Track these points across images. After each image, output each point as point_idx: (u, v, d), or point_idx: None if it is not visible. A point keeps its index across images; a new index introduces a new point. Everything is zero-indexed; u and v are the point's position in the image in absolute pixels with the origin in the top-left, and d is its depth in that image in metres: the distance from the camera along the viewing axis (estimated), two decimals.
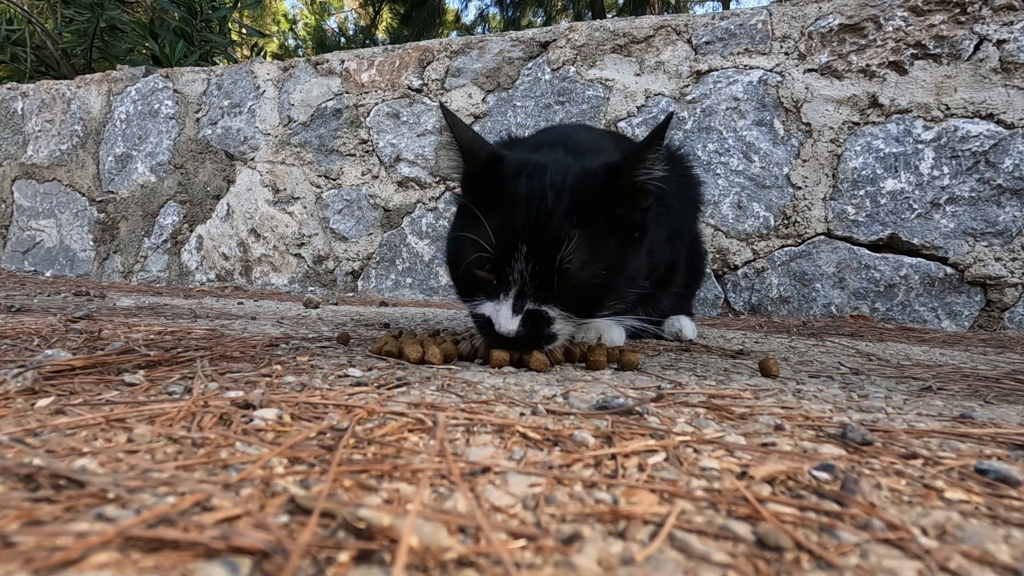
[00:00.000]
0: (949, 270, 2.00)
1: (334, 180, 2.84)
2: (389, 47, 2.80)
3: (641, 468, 0.41)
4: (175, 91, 3.15)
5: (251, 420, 0.48)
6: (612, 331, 1.09)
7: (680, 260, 1.25)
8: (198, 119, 3.10)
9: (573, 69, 2.47)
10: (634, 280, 0.91)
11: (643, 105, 2.37)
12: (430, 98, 2.69)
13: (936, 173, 2.03)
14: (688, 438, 0.48)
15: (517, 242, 0.80)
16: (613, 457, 0.43)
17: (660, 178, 0.90)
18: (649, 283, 1.10)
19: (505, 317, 0.81)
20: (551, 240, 0.80)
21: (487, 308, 0.84)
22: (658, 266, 1.09)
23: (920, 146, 2.05)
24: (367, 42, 9.75)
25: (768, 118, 2.21)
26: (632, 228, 0.89)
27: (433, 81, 2.68)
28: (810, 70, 2.17)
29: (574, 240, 0.80)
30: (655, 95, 2.36)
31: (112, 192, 3.26)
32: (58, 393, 0.55)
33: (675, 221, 1.13)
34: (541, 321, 0.83)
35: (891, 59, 2.07)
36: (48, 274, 3.38)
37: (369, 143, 2.78)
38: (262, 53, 5.96)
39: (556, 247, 0.80)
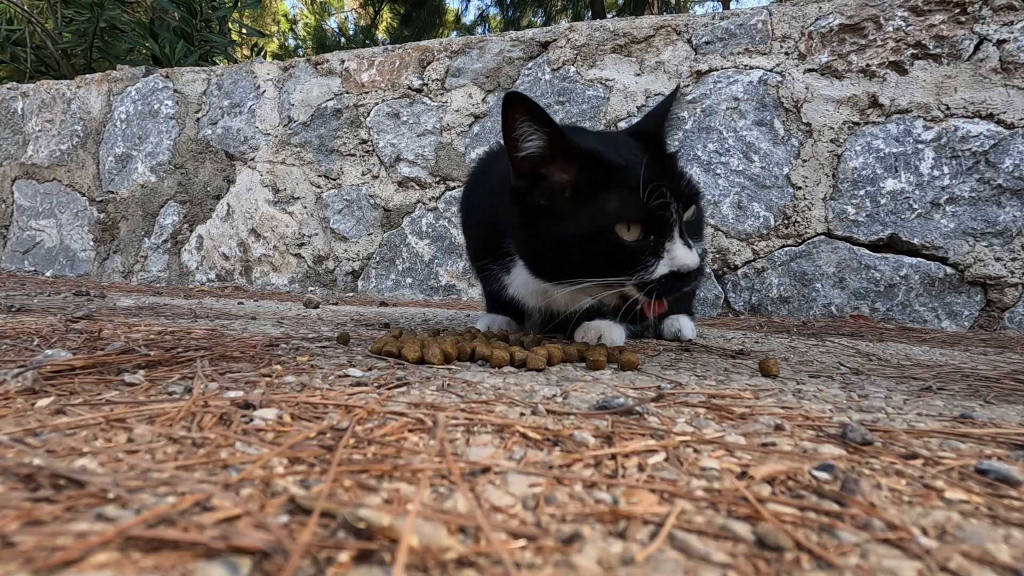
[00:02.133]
0: (949, 270, 2.00)
1: (334, 180, 2.84)
2: (389, 47, 2.80)
3: (641, 468, 0.41)
4: (175, 91, 3.15)
5: (251, 420, 0.48)
6: (612, 331, 1.09)
7: None
8: (198, 119, 3.10)
9: (573, 69, 2.47)
10: None
11: (643, 105, 2.37)
12: (430, 98, 2.69)
13: (936, 173, 2.03)
14: (688, 438, 0.48)
15: (661, 187, 0.85)
16: (613, 457, 0.43)
17: None
18: None
19: (686, 255, 0.87)
20: (673, 174, 0.90)
21: (662, 265, 0.87)
22: None
23: (920, 146, 2.05)
24: (367, 42, 9.75)
25: (768, 118, 2.21)
26: None
27: (433, 81, 2.68)
28: (810, 70, 2.17)
29: (680, 167, 0.93)
30: (655, 95, 2.36)
31: (112, 192, 3.26)
32: (58, 393, 0.55)
33: None
34: (700, 253, 0.91)
35: (891, 59, 2.07)
36: (48, 274, 3.38)
37: (369, 143, 2.78)
38: (262, 53, 5.96)
39: (680, 179, 0.90)
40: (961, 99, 2.01)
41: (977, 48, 1.99)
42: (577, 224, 0.89)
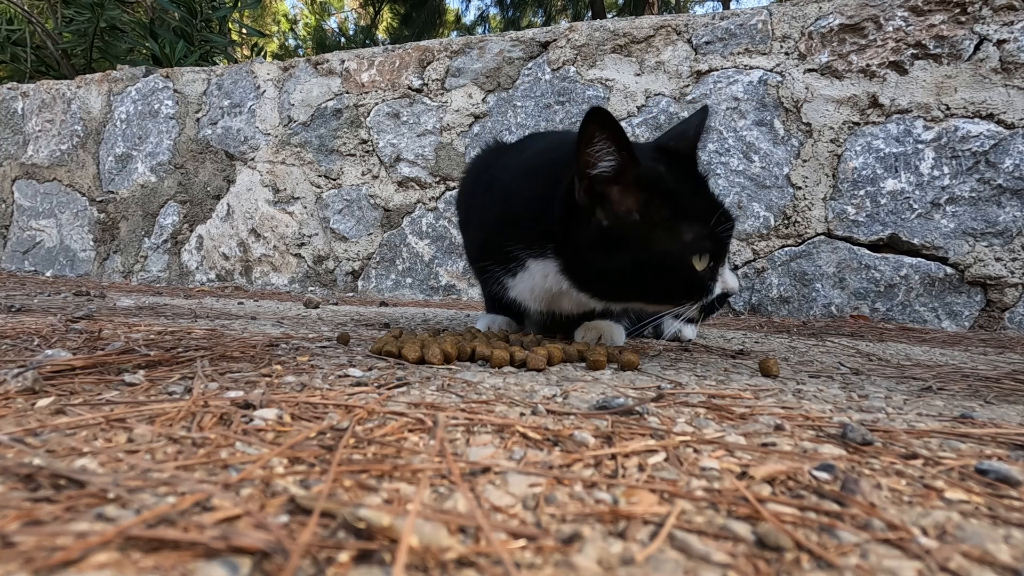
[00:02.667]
0: (949, 270, 2.00)
1: (334, 180, 2.84)
2: (389, 47, 2.80)
3: (641, 468, 0.41)
4: (175, 91, 3.15)
5: (251, 420, 0.48)
6: (612, 331, 1.09)
7: None
8: (198, 119, 3.10)
9: (573, 69, 2.47)
10: None
11: (643, 105, 2.37)
12: (430, 98, 2.69)
13: (936, 173, 2.03)
14: (688, 438, 0.48)
15: (723, 219, 0.90)
16: (613, 457, 0.43)
17: None
18: None
19: (733, 278, 0.95)
20: (722, 204, 0.92)
21: (717, 287, 0.94)
22: None
23: (920, 146, 2.05)
24: (367, 42, 9.75)
25: (768, 118, 2.21)
26: None
27: (433, 81, 2.68)
28: (810, 70, 2.17)
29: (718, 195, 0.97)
30: (655, 95, 2.36)
31: (112, 192, 3.26)
32: (58, 393, 0.55)
33: None
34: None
35: (891, 59, 2.07)
36: (48, 274, 3.39)
37: (369, 143, 2.78)
38: (262, 53, 5.97)
39: (724, 207, 0.92)
40: (961, 99, 2.01)
41: (977, 48, 1.99)
42: (648, 252, 0.89)
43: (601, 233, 0.89)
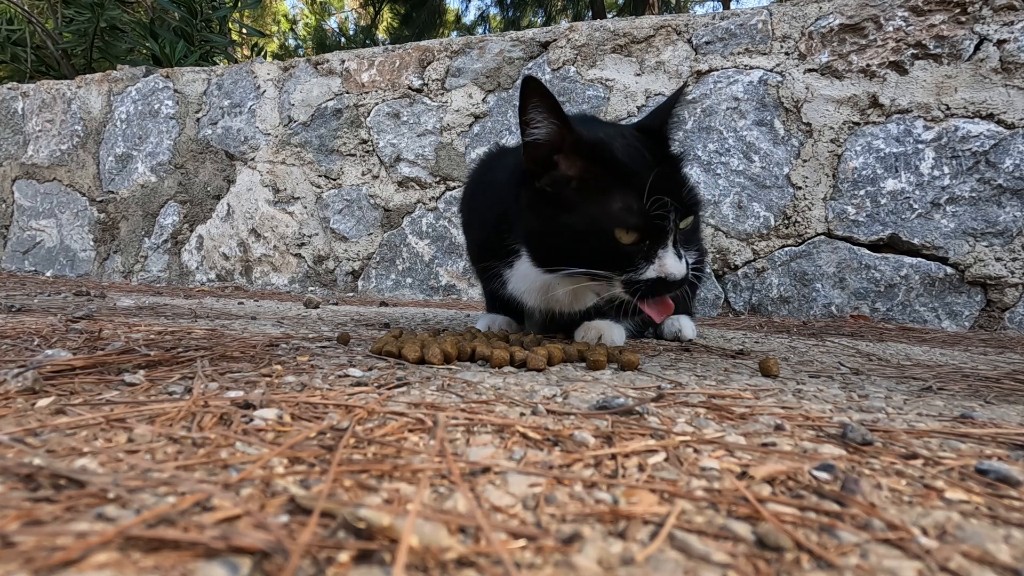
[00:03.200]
0: (949, 270, 2.00)
1: (334, 180, 2.84)
2: (389, 47, 2.80)
3: (641, 468, 0.41)
4: (175, 91, 3.15)
5: (251, 420, 0.48)
6: (612, 331, 1.09)
7: None
8: (198, 119, 3.10)
9: (573, 69, 2.47)
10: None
11: (643, 105, 2.37)
12: (430, 98, 2.69)
13: (936, 173, 2.03)
14: (688, 438, 0.48)
15: (661, 196, 0.87)
16: (613, 457, 0.43)
17: None
18: None
19: (674, 264, 0.90)
20: (675, 184, 0.91)
21: (651, 270, 0.90)
22: None
23: (920, 146, 2.05)
24: (367, 42, 9.75)
25: (768, 118, 2.21)
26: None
27: (433, 81, 2.68)
28: (810, 70, 2.17)
29: (682, 178, 0.92)
30: (655, 95, 2.36)
31: (112, 192, 3.26)
32: (58, 393, 0.55)
33: None
34: (687, 263, 0.93)
35: (891, 59, 2.07)
36: (48, 274, 3.39)
37: (369, 143, 2.78)
38: (262, 53, 5.97)
39: (680, 188, 0.91)
40: (961, 99, 2.01)
41: (977, 48, 1.99)
42: (579, 218, 0.91)
43: (543, 198, 0.94)
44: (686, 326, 1.33)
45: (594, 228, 0.90)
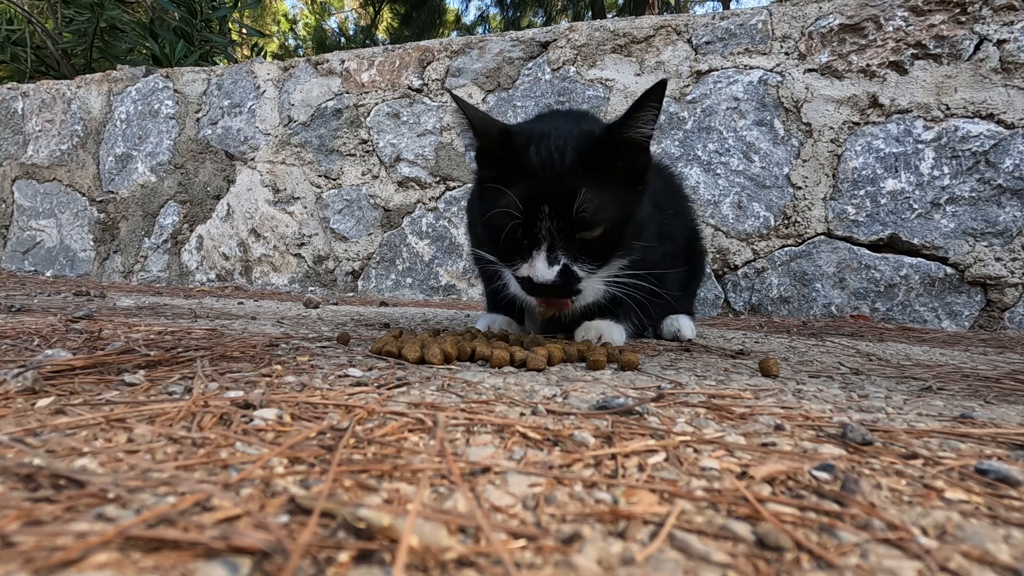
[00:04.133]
0: (949, 270, 2.00)
1: (334, 180, 2.84)
2: (389, 47, 2.80)
3: (641, 468, 0.41)
4: (175, 91, 3.15)
5: (251, 420, 0.48)
6: (613, 331, 1.09)
7: (674, 268, 1.28)
8: (198, 119, 3.10)
9: (573, 69, 2.47)
10: (642, 232, 1.02)
11: None
12: (430, 98, 2.69)
13: (936, 173, 2.03)
14: (688, 438, 0.48)
15: (540, 203, 0.92)
16: (613, 457, 0.43)
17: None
18: (647, 282, 1.13)
19: (542, 269, 0.94)
20: (566, 196, 0.92)
21: (524, 268, 0.97)
22: (652, 266, 1.12)
23: (920, 146, 2.05)
24: (367, 42, 9.75)
25: (768, 118, 2.21)
26: (634, 180, 0.99)
27: (433, 81, 2.68)
28: (810, 70, 2.17)
29: (582, 193, 0.92)
30: None
31: (112, 192, 3.26)
32: (58, 393, 0.55)
33: (665, 221, 1.16)
34: (570, 275, 0.96)
35: (891, 59, 2.07)
36: (48, 274, 3.39)
37: (369, 143, 2.78)
38: (262, 53, 5.96)
39: (571, 201, 0.91)
40: (961, 99, 2.01)
41: (977, 48, 1.99)
42: (485, 210, 1.00)
43: (482, 189, 1.04)
44: (685, 326, 1.33)
45: (487, 221, 0.99)
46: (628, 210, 0.98)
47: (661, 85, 0.91)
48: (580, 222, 0.93)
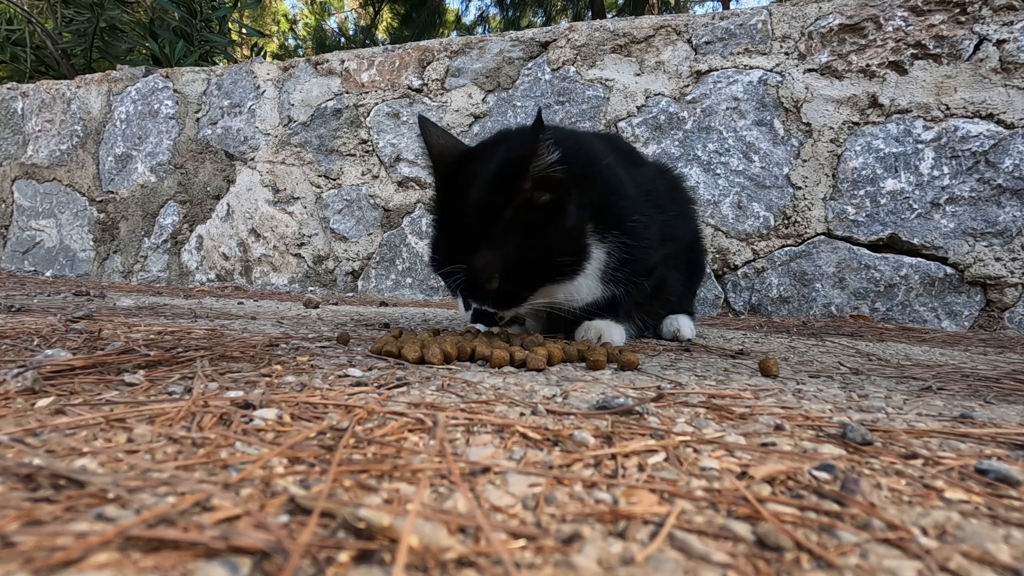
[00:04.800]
0: (949, 270, 2.00)
1: (334, 180, 2.84)
2: (389, 47, 2.80)
3: (641, 468, 0.41)
4: (175, 91, 3.15)
5: (251, 420, 0.48)
6: (612, 331, 1.09)
7: (676, 268, 1.28)
8: (198, 119, 3.10)
9: (573, 69, 2.47)
10: (553, 257, 0.96)
11: (643, 105, 2.37)
12: (430, 98, 2.69)
13: (936, 173, 2.03)
14: (688, 438, 0.48)
15: (444, 255, 0.97)
16: (613, 457, 0.43)
17: (649, 184, 1.11)
18: (649, 283, 1.13)
19: (462, 310, 1.03)
20: (462, 253, 0.93)
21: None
22: (652, 267, 1.12)
23: (920, 146, 2.05)
24: (367, 42, 9.74)
25: (768, 118, 2.21)
26: (546, 213, 0.94)
27: (433, 81, 2.68)
28: (810, 70, 2.17)
29: (479, 252, 0.92)
30: (655, 95, 2.36)
31: (112, 192, 3.26)
32: (58, 393, 0.55)
33: (667, 223, 1.15)
34: (488, 314, 1.00)
35: (891, 59, 2.07)
36: (48, 274, 3.38)
37: (369, 143, 2.78)
38: (262, 53, 5.96)
39: (466, 258, 0.92)
40: (961, 99, 2.01)
41: (977, 48, 1.99)
42: None
43: None
44: (685, 326, 1.33)
45: None
46: (533, 247, 0.94)
47: (538, 116, 0.87)
48: (479, 277, 0.93)
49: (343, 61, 2.84)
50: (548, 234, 0.94)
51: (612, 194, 1.03)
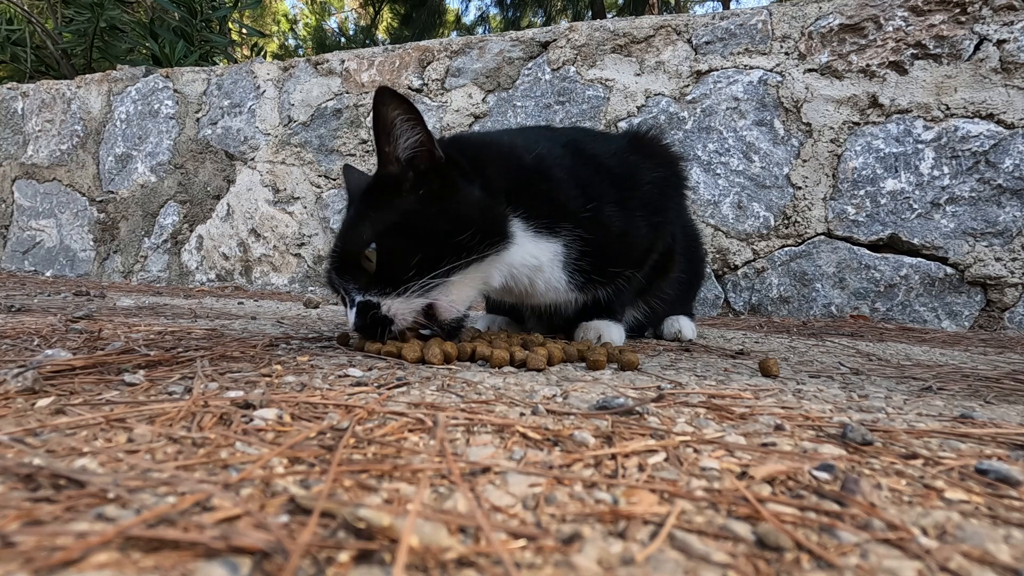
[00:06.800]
0: (949, 270, 2.00)
1: (334, 180, 2.84)
2: (389, 47, 2.80)
3: (641, 468, 0.41)
4: (175, 91, 3.15)
5: (251, 420, 0.48)
6: (612, 331, 1.09)
7: (674, 245, 1.22)
8: (198, 119, 3.10)
9: (573, 69, 2.47)
10: (440, 233, 0.89)
11: (643, 105, 2.37)
12: (430, 98, 2.69)
13: (936, 173, 2.03)
14: (688, 438, 0.48)
15: (331, 264, 0.94)
16: (613, 457, 0.43)
17: (620, 162, 1.08)
18: (641, 274, 1.12)
19: (351, 316, 0.90)
20: (352, 256, 0.91)
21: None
22: (640, 250, 1.10)
23: (920, 146, 2.05)
24: (367, 42, 9.75)
25: (768, 118, 2.21)
26: (427, 194, 0.91)
27: (433, 81, 2.68)
28: (810, 70, 2.17)
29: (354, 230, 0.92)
30: (655, 95, 2.36)
31: (112, 192, 3.26)
32: (58, 393, 0.55)
33: (650, 202, 1.10)
34: (371, 308, 0.88)
35: (891, 59, 2.07)
36: (48, 274, 3.38)
37: (369, 143, 2.78)
38: (262, 53, 5.96)
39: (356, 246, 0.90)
40: (961, 99, 2.01)
41: (977, 48, 1.99)
42: None
43: None
44: (685, 326, 1.33)
45: None
46: (420, 224, 0.90)
47: (380, 91, 0.84)
48: (347, 251, 0.95)
49: (343, 61, 2.84)
50: (432, 212, 0.90)
51: (548, 187, 1.00)
